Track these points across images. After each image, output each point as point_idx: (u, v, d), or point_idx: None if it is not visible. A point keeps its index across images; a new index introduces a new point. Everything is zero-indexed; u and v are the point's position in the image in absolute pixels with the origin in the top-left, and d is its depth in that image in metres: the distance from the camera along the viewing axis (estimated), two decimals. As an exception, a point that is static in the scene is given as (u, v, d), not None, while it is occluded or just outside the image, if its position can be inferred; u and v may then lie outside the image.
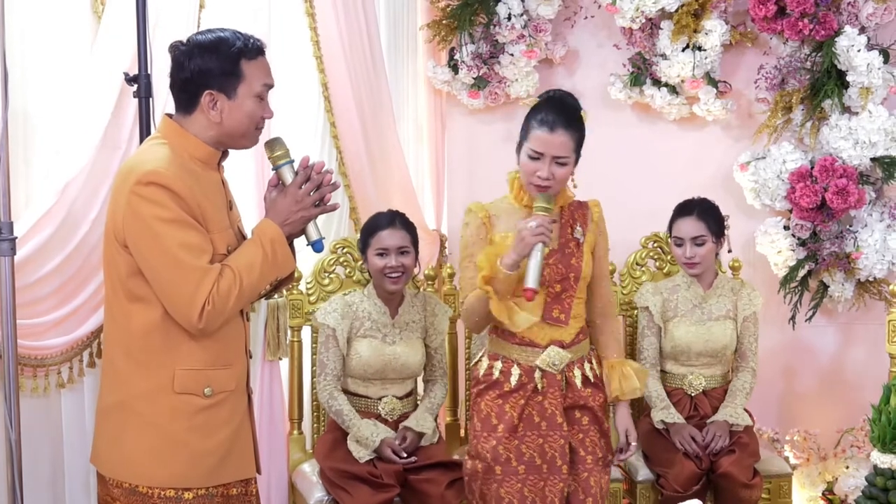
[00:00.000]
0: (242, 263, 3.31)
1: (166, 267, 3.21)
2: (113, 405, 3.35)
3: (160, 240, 3.20)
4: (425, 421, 4.67)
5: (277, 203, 3.42)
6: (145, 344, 3.29)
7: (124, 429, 3.32)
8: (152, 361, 3.29)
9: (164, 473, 3.31)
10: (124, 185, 3.24)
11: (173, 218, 3.21)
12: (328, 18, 5.10)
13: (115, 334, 3.35)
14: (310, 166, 3.42)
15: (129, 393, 3.31)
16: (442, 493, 4.49)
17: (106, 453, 3.38)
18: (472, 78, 5.51)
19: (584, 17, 5.58)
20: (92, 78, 4.46)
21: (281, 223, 3.40)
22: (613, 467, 4.85)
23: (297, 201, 3.40)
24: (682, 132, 5.63)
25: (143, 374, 3.30)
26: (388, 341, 4.69)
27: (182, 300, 3.23)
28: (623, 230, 5.29)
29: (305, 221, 3.43)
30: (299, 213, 3.40)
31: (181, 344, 3.30)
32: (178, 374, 3.30)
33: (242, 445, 3.48)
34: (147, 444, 3.30)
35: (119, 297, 3.31)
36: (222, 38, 3.33)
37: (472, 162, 5.74)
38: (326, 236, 5.03)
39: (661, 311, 4.99)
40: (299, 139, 5.10)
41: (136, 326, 3.29)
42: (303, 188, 3.40)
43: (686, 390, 4.96)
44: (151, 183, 3.20)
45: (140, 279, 3.27)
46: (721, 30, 5.30)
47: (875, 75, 5.09)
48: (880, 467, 3.24)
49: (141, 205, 3.20)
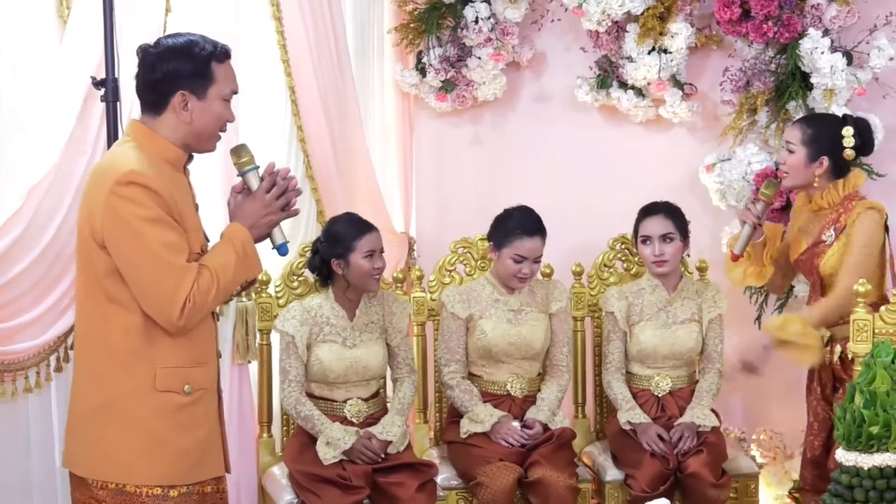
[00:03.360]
0: (218, 263, 3.40)
1: (148, 265, 3.29)
2: (95, 407, 3.38)
3: (142, 238, 3.27)
4: (392, 426, 4.66)
5: (245, 207, 3.51)
6: (126, 344, 3.34)
7: (108, 429, 3.36)
8: (133, 361, 3.35)
9: (151, 472, 3.38)
10: (102, 186, 3.30)
11: (154, 217, 3.29)
12: (295, 22, 5.10)
13: (93, 336, 3.39)
14: (275, 172, 3.53)
15: (112, 393, 3.36)
16: (412, 496, 4.50)
17: (87, 455, 3.41)
18: (440, 81, 5.53)
19: (550, 21, 5.61)
20: (58, 82, 4.45)
21: (249, 227, 3.49)
22: (582, 468, 4.89)
23: (266, 206, 3.50)
24: (649, 134, 5.67)
25: (126, 374, 3.35)
26: (348, 344, 4.69)
27: (164, 298, 3.30)
28: (590, 232, 5.36)
29: (272, 225, 3.54)
30: (267, 217, 3.51)
31: (159, 343, 3.37)
32: (159, 373, 3.37)
33: (216, 444, 3.57)
34: (133, 443, 3.36)
35: (97, 298, 3.36)
36: (193, 40, 3.44)
37: (440, 165, 5.77)
38: (294, 239, 5.09)
39: (625, 315, 5.01)
40: (267, 143, 5.10)
41: (115, 327, 3.35)
42: (270, 193, 3.50)
43: (653, 391, 4.99)
44: (131, 182, 3.27)
45: (117, 280, 3.33)
46: (686, 32, 5.34)
47: (838, 77, 5.13)
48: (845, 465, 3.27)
49: (121, 204, 3.27)
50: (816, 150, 4.60)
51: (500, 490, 4.57)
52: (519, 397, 4.91)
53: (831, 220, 4.58)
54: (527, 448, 4.75)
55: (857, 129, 4.62)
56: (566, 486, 4.62)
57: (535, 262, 4.86)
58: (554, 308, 4.96)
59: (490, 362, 4.92)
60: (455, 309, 4.91)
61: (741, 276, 4.85)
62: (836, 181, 4.61)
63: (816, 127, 4.65)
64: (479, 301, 4.93)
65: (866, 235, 4.48)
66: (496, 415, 4.80)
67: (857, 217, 4.50)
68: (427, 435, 5.15)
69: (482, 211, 5.06)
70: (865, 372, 3.22)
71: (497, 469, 4.62)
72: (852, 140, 4.58)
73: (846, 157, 4.60)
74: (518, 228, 4.84)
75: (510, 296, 4.94)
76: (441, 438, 5.09)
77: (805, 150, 4.61)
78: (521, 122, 5.75)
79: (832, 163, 4.60)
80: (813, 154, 4.60)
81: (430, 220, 5.80)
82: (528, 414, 4.85)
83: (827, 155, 4.59)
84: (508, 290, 4.94)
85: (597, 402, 5.27)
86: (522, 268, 4.84)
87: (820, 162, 4.60)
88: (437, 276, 5.13)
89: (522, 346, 4.89)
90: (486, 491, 4.59)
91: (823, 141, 4.60)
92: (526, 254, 4.83)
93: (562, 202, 5.55)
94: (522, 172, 5.69)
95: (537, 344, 4.91)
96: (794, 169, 4.64)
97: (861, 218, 4.50)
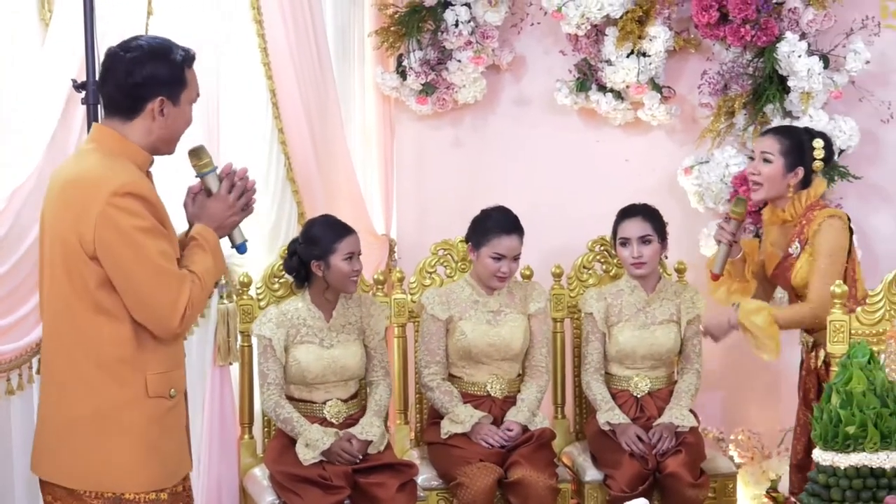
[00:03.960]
0: (202, 268, 3.44)
1: (148, 275, 3.30)
2: (87, 416, 3.37)
3: (141, 249, 3.29)
4: (371, 427, 4.69)
5: (210, 208, 3.55)
6: (118, 354, 3.35)
7: (103, 438, 3.36)
8: (125, 369, 3.36)
9: (146, 477, 3.40)
10: (92, 198, 3.28)
11: (150, 227, 3.31)
12: (276, 25, 5.11)
13: (83, 346, 3.36)
14: (232, 172, 3.57)
15: (106, 402, 3.36)
16: (393, 496, 4.52)
17: (79, 466, 3.38)
18: (420, 84, 5.55)
19: (530, 24, 5.63)
20: (40, 84, 4.45)
21: (216, 228, 3.55)
22: (561, 468, 4.92)
23: (229, 206, 3.55)
24: (628, 137, 5.70)
25: (119, 383, 3.36)
26: (325, 345, 4.72)
27: (164, 307, 3.32)
28: (570, 234, 5.38)
29: (234, 225, 3.60)
30: (231, 217, 3.56)
31: (149, 349, 3.39)
32: (150, 379, 3.39)
33: (186, 442, 3.61)
34: (128, 450, 3.38)
35: (85, 309, 3.34)
36: (165, 45, 3.45)
37: (420, 167, 5.78)
38: (276, 242, 5.11)
39: (604, 316, 5.04)
40: (247, 145, 5.13)
41: (106, 337, 3.34)
42: (231, 194, 3.55)
43: (632, 392, 5.02)
44: (128, 194, 3.28)
45: (108, 290, 3.33)
46: (665, 36, 5.37)
47: (815, 80, 5.17)
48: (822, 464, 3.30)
49: (119, 216, 3.27)
50: (793, 161, 4.65)
51: (479, 490, 4.60)
52: (499, 398, 4.93)
53: (796, 233, 4.62)
54: (507, 449, 4.77)
55: (825, 141, 4.70)
56: (546, 487, 4.65)
57: (513, 261, 4.89)
58: (532, 309, 4.98)
59: (470, 363, 4.95)
60: (435, 311, 4.93)
61: (725, 295, 4.91)
62: (800, 192, 4.66)
63: (793, 137, 4.69)
64: (458, 303, 4.96)
65: (829, 244, 4.52)
66: (476, 416, 4.82)
67: (818, 227, 4.53)
68: (408, 436, 5.17)
69: (462, 213, 5.08)
70: (842, 372, 3.26)
71: (477, 470, 4.65)
72: (822, 152, 4.65)
73: (815, 169, 4.66)
74: (495, 227, 4.88)
75: (489, 297, 4.97)
76: (421, 439, 5.11)
77: (783, 160, 4.65)
78: (501, 124, 5.77)
79: (803, 174, 4.67)
80: (790, 164, 4.65)
81: (410, 223, 5.82)
82: (508, 415, 4.88)
83: (802, 166, 4.64)
84: (488, 292, 4.97)
85: (576, 402, 5.30)
86: (501, 266, 4.87)
87: (795, 172, 4.65)
88: (418, 277, 5.15)
89: (502, 347, 4.92)
90: (465, 491, 4.61)
91: (797, 152, 4.65)
92: (504, 252, 4.86)
93: (541, 204, 5.58)
94: (502, 175, 5.71)
95: (517, 345, 4.94)
96: (771, 179, 4.67)
97: (822, 228, 4.53)
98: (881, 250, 5.46)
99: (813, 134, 4.74)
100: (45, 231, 3.44)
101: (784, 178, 4.66)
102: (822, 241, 4.52)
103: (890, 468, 3.18)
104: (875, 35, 5.31)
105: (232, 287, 4.89)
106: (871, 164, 5.48)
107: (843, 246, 4.56)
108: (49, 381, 3.48)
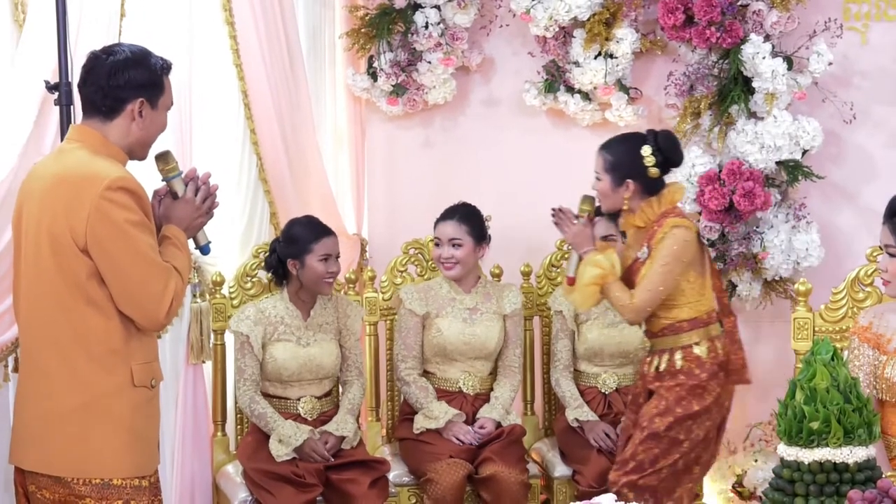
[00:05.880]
0: (180, 265, 3.57)
1: (138, 267, 3.44)
2: (76, 406, 3.47)
3: (133, 242, 3.43)
4: (346, 424, 4.75)
5: (178, 211, 3.68)
6: (108, 344, 3.47)
7: (92, 427, 3.47)
8: (113, 360, 3.48)
9: (131, 464, 3.52)
10: (85, 192, 3.40)
11: (140, 221, 3.46)
12: (248, 26, 5.14)
13: (72, 337, 3.47)
14: (196, 177, 3.71)
15: (95, 393, 3.47)
16: (365, 493, 4.58)
17: (67, 454, 3.48)
18: (391, 85, 5.59)
19: (499, 26, 5.67)
20: (14, 87, 4.47)
21: (185, 229, 3.68)
22: (531, 464, 4.98)
23: (196, 209, 3.69)
24: (595, 137, 5.66)
25: (107, 373, 3.48)
26: (302, 343, 4.77)
27: (153, 299, 3.46)
28: (539, 233, 5.41)
29: (200, 227, 3.73)
30: (198, 219, 3.71)
31: (133, 340, 3.52)
32: (135, 369, 3.52)
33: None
34: (115, 437, 3.49)
35: (76, 301, 3.45)
36: (146, 52, 3.60)
37: (391, 167, 5.82)
38: (248, 242, 5.14)
39: (573, 314, 5.10)
40: (219, 146, 5.15)
41: (95, 329, 3.46)
42: (198, 196, 3.68)
43: (600, 388, 5.09)
44: (121, 188, 3.42)
45: (97, 282, 3.45)
46: (632, 38, 5.43)
47: (779, 81, 5.23)
48: (787, 460, 3.34)
49: (113, 210, 3.40)
50: (620, 176, 4.49)
51: (449, 486, 4.66)
52: (471, 395, 4.99)
53: (646, 238, 4.50)
54: (477, 445, 4.83)
55: (657, 145, 4.49)
56: (518, 482, 4.71)
57: (453, 247, 4.97)
58: (508, 310, 5.05)
59: (444, 360, 5.00)
60: (413, 306, 4.99)
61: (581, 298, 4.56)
62: (651, 199, 4.49)
63: (616, 153, 4.54)
64: (436, 299, 5.02)
65: (667, 252, 4.37)
66: (451, 413, 4.88)
67: (662, 235, 4.41)
68: (379, 433, 5.22)
69: (433, 212, 5.13)
70: (806, 369, 3.31)
71: (447, 466, 4.70)
72: (652, 158, 4.46)
73: (651, 176, 4.49)
74: (440, 216, 5.01)
75: (466, 295, 5.03)
76: (393, 436, 5.16)
77: (608, 176, 4.51)
78: (471, 125, 5.81)
79: (640, 184, 4.48)
80: (617, 179, 4.49)
81: (381, 222, 5.86)
82: (482, 412, 4.94)
83: (631, 178, 4.47)
84: (464, 289, 5.03)
85: (545, 399, 5.36)
86: (442, 252, 4.97)
87: (626, 185, 4.48)
88: (389, 276, 5.20)
89: (477, 346, 4.98)
90: (435, 487, 4.67)
91: (624, 165, 4.48)
92: (440, 235, 4.99)
93: (511, 204, 5.63)
94: (472, 174, 5.75)
95: (491, 344, 5.00)
96: (603, 195, 4.56)
97: (666, 236, 4.40)
98: (843, 249, 5.53)
99: (647, 139, 4.52)
100: (27, 226, 3.52)
101: (616, 193, 4.51)
102: (661, 248, 4.39)
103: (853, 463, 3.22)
104: (838, 37, 5.36)
105: (205, 286, 4.92)
106: (834, 164, 5.54)
107: (683, 255, 4.41)
108: (32, 374, 3.56)
